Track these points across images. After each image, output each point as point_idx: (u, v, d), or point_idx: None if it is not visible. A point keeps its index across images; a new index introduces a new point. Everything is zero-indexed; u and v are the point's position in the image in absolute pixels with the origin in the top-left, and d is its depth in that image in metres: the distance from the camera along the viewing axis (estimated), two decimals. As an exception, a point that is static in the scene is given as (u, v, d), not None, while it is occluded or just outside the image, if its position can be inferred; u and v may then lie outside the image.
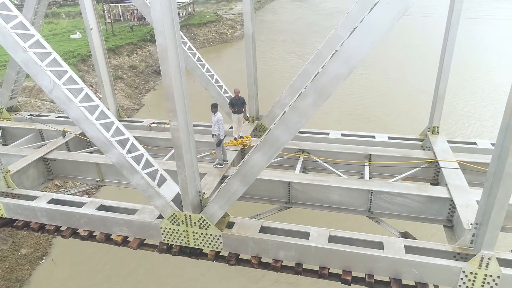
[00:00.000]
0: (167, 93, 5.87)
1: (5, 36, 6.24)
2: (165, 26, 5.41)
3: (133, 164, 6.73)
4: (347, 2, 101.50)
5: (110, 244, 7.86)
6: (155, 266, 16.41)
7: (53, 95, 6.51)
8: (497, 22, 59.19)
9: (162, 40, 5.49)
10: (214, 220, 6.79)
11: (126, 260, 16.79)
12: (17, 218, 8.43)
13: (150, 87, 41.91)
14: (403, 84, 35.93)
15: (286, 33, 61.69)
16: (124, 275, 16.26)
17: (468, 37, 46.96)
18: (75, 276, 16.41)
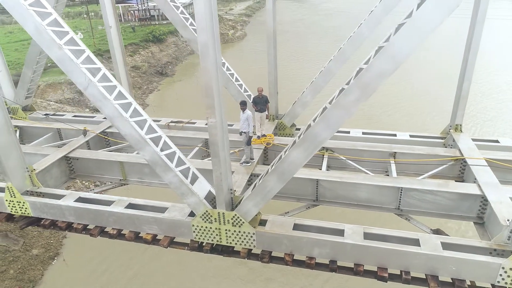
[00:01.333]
0: (206, 89, 5.86)
1: (41, 33, 6.22)
2: (207, 22, 5.41)
3: (167, 162, 6.72)
4: (346, 2, 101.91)
5: (139, 242, 7.84)
6: (164, 266, 16.39)
7: (87, 92, 6.49)
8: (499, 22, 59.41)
9: (204, 36, 5.49)
10: (248, 217, 6.78)
11: (132, 262, 16.78)
12: (43, 217, 8.41)
13: (154, 88, 41.86)
14: (405, 85, 35.99)
15: (288, 34, 61.66)
16: (133, 276, 16.23)
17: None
18: (86, 276, 16.36)
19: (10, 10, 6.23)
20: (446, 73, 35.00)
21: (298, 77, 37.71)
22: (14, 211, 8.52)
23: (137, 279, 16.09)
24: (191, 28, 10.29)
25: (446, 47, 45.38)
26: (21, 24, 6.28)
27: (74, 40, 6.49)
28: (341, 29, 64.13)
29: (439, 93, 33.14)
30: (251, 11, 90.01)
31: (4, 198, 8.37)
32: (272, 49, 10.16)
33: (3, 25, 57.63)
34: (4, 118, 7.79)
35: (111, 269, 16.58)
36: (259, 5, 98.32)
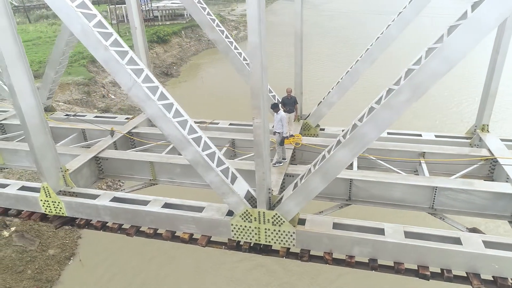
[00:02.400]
0: (254, 90, 5.94)
1: (88, 34, 6.28)
2: (258, 24, 5.48)
3: (209, 162, 6.79)
4: (347, 3, 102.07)
5: (176, 241, 7.90)
6: (180, 269, 16.45)
7: (131, 93, 6.55)
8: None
9: (255, 38, 5.57)
10: (288, 217, 6.85)
11: (147, 264, 16.85)
12: (78, 216, 8.47)
13: (160, 88, 41.83)
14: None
15: (291, 35, 61.74)
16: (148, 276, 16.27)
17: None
18: (103, 277, 16.40)
19: (57, 11, 6.30)
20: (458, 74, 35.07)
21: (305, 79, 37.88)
22: (49, 211, 8.58)
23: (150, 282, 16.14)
24: (218, 29, 10.37)
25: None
26: (67, 25, 6.35)
27: (118, 42, 6.55)
28: (343, 30, 64.38)
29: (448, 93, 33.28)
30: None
31: (39, 198, 8.44)
32: (299, 50, 10.23)
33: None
34: (40, 119, 7.86)
35: (127, 270, 16.61)
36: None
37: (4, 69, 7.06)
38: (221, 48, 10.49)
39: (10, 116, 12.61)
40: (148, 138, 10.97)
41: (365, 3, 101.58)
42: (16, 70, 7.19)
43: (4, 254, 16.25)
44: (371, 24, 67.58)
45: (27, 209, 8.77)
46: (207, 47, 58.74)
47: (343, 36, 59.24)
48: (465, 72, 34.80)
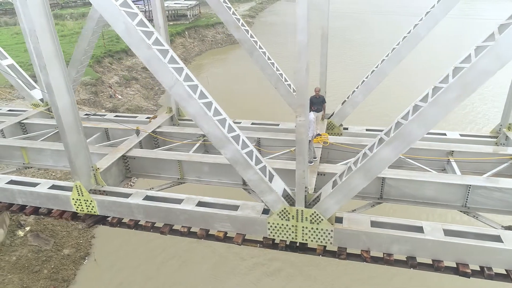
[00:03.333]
0: (300, 88, 5.98)
1: (131, 33, 6.31)
2: (307, 22, 5.52)
3: (248, 160, 6.82)
4: (347, 2, 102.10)
5: (210, 240, 7.94)
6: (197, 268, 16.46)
7: (173, 91, 6.58)
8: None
9: (303, 37, 5.61)
10: (327, 215, 6.89)
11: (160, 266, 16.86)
12: (110, 215, 8.49)
13: (164, 88, 41.88)
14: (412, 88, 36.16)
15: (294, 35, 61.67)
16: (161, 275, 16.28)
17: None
18: (117, 277, 16.39)
19: (101, 10, 6.33)
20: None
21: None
22: (80, 210, 8.60)
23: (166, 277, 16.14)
24: (243, 29, 10.41)
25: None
26: (111, 24, 6.37)
27: (159, 40, 6.58)
28: (347, 30, 64.42)
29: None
30: (255, 12, 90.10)
31: (71, 197, 8.46)
32: (325, 50, 10.27)
33: (7, 26, 57.47)
34: (74, 118, 7.89)
35: (141, 272, 16.59)
36: (262, 6, 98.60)
37: (43, 68, 7.09)
38: (246, 47, 10.53)
39: (31, 115, 12.61)
40: (172, 137, 10.99)
41: (366, 3, 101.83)
42: (53, 69, 7.21)
43: (20, 254, 16.24)
44: (374, 24, 67.83)
45: (58, 208, 8.78)
46: (210, 47, 58.84)
47: (349, 37, 59.35)
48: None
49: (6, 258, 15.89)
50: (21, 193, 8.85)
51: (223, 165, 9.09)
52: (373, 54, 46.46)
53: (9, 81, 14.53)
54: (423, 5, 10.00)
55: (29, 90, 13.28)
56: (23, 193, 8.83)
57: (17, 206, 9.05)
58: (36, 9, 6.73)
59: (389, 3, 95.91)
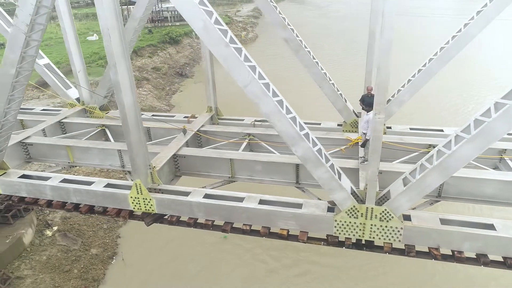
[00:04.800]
0: (379, 86, 6.00)
1: (209, 31, 6.33)
2: (392, 19, 5.55)
3: (320, 158, 6.85)
4: (348, 3, 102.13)
5: (272, 238, 7.95)
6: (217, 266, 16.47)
7: (247, 89, 6.59)
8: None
9: (389, 34, 5.63)
10: (397, 212, 6.92)
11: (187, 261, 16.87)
12: (168, 213, 8.51)
13: (176, 89, 41.94)
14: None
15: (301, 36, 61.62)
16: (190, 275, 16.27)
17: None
18: (146, 277, 16.39)
19: (179, 7, 6.34)
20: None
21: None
22: (137, 208, 8.61)
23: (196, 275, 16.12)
24: (290, 28, 10.44)
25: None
26: (189, 21, 6.39)
27: (233, 39, 6.60)
28: (351, 32, 64.42)
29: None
30: (258, 12, 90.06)
31: (129, 195, 8.47)
32: (372, 48, 10.30)
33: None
34: (136, 116, 7.90)
35: (169, 272, 16.58)
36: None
37: (113, 66, 7.11)
38: (292, 46, 10.55)
39: (69, 115, 12.62)
40: (216, 136, 11.01)
41: (368, 3, 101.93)
42: (121, 67, 7.23)
43: (50, 253, 16.23)
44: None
45: (114, 206, 8.79)
46: (217, 48, 58.77)
47: (354, 38, 59.41)
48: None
49: (36, 257, 15.89)
50: (76, 191, 8.85)
51: (276, 164, 9.13)
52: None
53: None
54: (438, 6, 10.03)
55: (65, 90, 13.28)
56: (79, 191, 8.84)
57: (72, 205, 9.04)
58: (109, 9, 6.75)
59: (400, 3, 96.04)
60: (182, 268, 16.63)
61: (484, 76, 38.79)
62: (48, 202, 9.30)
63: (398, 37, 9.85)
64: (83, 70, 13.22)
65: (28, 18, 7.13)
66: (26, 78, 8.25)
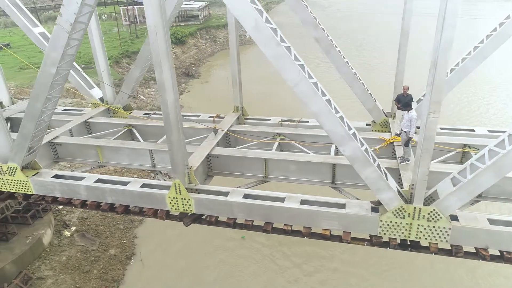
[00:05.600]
0: (437, 84, 5.94)
1: (261, 30, 6.28)
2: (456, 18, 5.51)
3: (368, 157, 6.79)
4: (352, 3, 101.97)
5: (314, 238, 7.89)
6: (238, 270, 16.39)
7: (298, 88, 6.54)
8: None
9: (450, 32, 5.58)
10: (446, 213, 6.86)
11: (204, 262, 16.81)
12: (207, 213, 8.45)
13: (183, 89, 41.90)
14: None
15: (307, 37, 61.39)
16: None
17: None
18: (165, 277, 16.34)
19: (231, 6, 6.29)
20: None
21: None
22: (175, 209, 8.55)
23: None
24: (321, 27, 10.39)
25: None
26: (240, 19, 6.34)
27: (282, 38, 6.55)
28: (358, 32, 64.36)
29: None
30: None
31: (167, 195, 8.41)
32: (404, 48, 10.24)
33: (6, 27, 57.09)
34: (176, 117, 7.83)
35: (187, 272, 16.52)
36: (267, 6, 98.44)
37: (158, 65, 7.05)
38: (323, 46, 10.49)
39: (94, 115, 12.56)
40: (245, 135, 10.94)
41: (371, 3, 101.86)
42: (165, 66, 7.18)
43: (69, 254, 16.17)
44: (384, 25, 67.82)
45: (151, 207, 8.74)
46: (222, 48, 58.80)
47: (361, 39, 59.34)
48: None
49: (56, 258, 15.83)
50: (112, 191, 8.80)
51: (312, 163, 9.07)
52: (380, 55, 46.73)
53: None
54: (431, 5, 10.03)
55: (89, 89, 13.22)
56: (114, 191, 8.78)
57: (107, 205, 8.99)
58: (156, 7, 6.69)
59: (394, 2, 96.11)
60: (200, 271, 16.52)
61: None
62: (82, 202, 9.24)
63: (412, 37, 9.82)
64: (106, 70, 13.17)
65: (73, 17, 7.07)
66: (64, 77, 8.19)
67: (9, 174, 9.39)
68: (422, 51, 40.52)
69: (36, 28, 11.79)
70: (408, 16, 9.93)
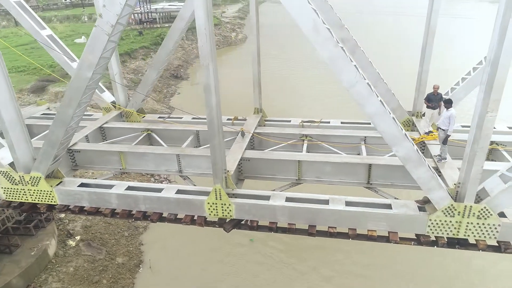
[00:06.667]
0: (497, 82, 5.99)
1: (320, 30, 6.18)
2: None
3: (421, 157, 6.80)
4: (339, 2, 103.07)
5: (360, 240, 7.84)
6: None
7: (354, 90, 6.47)
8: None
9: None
10: (497, 210, 6.95)
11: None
12: (247, 218, 8.27)
13: (173, 91, 41.37)
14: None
15: (291, 37, 61.45)
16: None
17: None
18: (175, 285, 15.95)
19: (288, 6, 6.16)
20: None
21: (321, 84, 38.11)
22: (214, 214, 8.33)
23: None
24: (346, 27, 10.40)
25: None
26: (297, 20, 6.20)
27: (337, 39, 6.47)
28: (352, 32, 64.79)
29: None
30: (244, 13, 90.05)
31: (206, 201, 8.19)
32: (430, 47, 10.34)
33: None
34: (218, 120, 7.62)
35: (197, 279, 16.19)
36: (248, 8, 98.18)
37: (205, 68, 6.84)
38: (348, 46, 10.48)
39: (110, 119, 12.14)
40: (270, 137, 10.80)
41: (359, 3, 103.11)
42: (211, 69, 6.97)
43: (77, 264, 15.58)
44: (370, 25, 68.94)
45: (188, 213, 8.48)
46: (208, 49, 58.29)
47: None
48: None
49: (63, 269, 15.22)
50: (147, 199, 8.49)
51: (348, 164, 9.04)
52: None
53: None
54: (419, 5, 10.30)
55: (100, 93, 12.77)
56: (149, 199, 8.48)
57: (140, 213, 8.67)
58: (204, 9, 6.49)
59: (385, 2, 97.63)
60: (211, 278, 16.20)
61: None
62: (112, 211, 8.88)
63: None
64: (119, 73, 12.76)
65: (115, 18, 6.77)
66: (96, 82, 7.85)
67: (31, 184, 8.92)
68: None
69: (43, 30, 11.31)
70: (435, 17, 10.03)
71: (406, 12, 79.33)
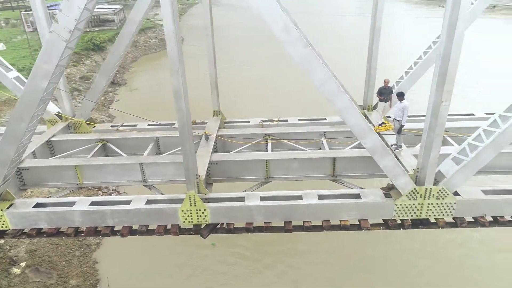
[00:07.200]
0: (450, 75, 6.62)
1: (290, 31, 6.33)
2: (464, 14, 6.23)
3: (386, 148, 7.31)
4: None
5: (334, 230, 8.18)
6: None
7: (324, 87, 6.73)
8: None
9: (463, 27, 6.29)
10: (453, 189, 7.70)
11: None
12: (223, 221, 8.23)
13: (112, 98, 39.31)
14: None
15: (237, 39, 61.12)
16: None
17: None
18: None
19: (258, 9, 6.23)
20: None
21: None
22: (188, 221, 8.15)
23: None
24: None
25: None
26: (269, 23, 6.30)
27: (306, 38, 6.70)
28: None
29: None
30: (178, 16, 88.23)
31: (180, 209, 7.98)
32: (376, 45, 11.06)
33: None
34: (188, 126, 7.47)
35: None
36: (182, 9, 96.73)
37: (175, 72, 6.66)
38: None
39: (57, 132, 11.25)
40: (233, 138, 10.80)
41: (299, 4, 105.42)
42: (181, 74, 6.81)
43: (26, 294, 14.19)
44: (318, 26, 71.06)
45: (161, 223, 8.19)
46: (144, 53, 56.32)
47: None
48: None
49: (10, 301, 13.77)
50: (115, 213, 8.04)
51: (314, 159, 9.35)
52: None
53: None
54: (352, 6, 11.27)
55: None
56: (117, 212, 8.04)
57: (108, 229, 8.19)
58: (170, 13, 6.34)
59: (321, 3, 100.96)
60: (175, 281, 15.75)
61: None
62: (75, 230, 8.27)
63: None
64: (63, 82, 11.87)
65: (73, 23, 6.31)
66: (50, 93, 7.25)
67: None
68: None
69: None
70: (379, 15, 10.75)
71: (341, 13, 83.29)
